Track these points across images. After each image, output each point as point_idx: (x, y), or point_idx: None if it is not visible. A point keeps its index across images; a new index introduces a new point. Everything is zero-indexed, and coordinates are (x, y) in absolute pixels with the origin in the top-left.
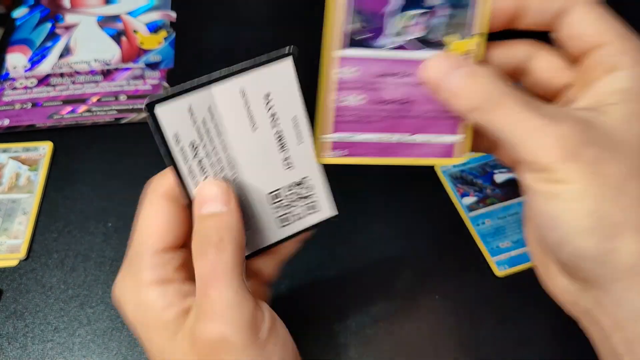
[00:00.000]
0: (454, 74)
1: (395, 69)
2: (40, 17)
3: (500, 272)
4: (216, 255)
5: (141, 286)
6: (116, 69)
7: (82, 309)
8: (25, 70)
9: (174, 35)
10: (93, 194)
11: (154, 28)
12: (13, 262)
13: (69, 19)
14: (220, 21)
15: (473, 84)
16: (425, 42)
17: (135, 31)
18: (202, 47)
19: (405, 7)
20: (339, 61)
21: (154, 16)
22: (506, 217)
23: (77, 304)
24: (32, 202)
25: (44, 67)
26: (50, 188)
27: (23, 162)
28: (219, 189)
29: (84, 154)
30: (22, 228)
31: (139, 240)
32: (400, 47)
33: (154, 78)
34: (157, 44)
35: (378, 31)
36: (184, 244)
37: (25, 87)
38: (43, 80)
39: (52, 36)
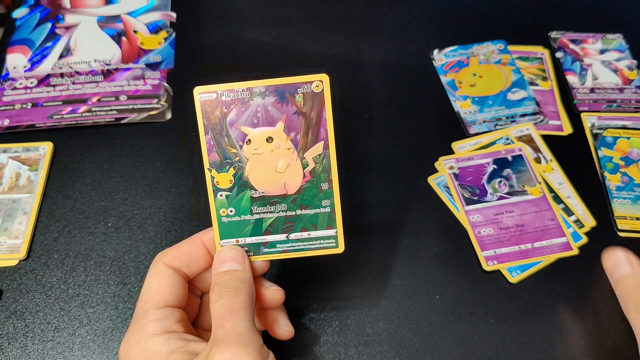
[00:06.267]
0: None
1: (502, 210)
2: (40, 17)
3: (513, 278)
4: (232, 297)
5: (147, 338)
6: (116, 69)
7: (82, 309)
8: (25, 71)
9: (174, 35)
10: (93, 194)
11: (154, 28)
12: (13, 262)
13: (69, 19)
14: (220, 21)
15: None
16: (512, 193)
17: (135, 31)
18: (202, 47)
19: (490, 179)
20: (466, 212)
21: (154, 16)
22: None
23: (77, 304)
24: (32, 202)
25: (44, 67)
26: (50, 188)
27: (23, 162)
28: (236, 252)
29: (84, 154)
30: (22, 228)
31: (143, 301)
32: (501, 198)
33: (154, 78)
34: (157, 44)
35: (483, 193)
36: (182, 308)
37: (25, 87)
38: (43, 81)
39: (52, 36)
